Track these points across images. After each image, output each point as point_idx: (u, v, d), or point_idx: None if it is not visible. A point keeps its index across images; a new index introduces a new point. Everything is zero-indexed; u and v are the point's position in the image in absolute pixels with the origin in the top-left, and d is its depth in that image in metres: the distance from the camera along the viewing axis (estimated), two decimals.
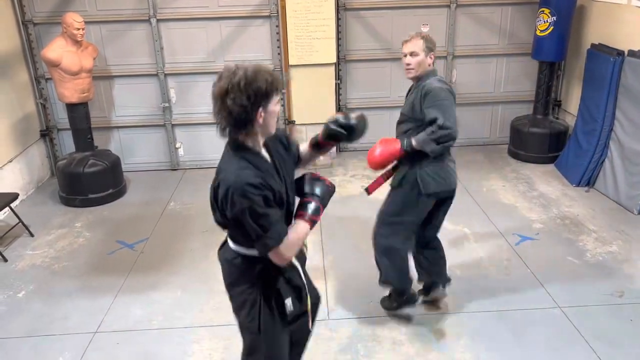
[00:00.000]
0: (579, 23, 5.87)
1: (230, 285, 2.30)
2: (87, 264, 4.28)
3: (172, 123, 6.09)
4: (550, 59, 5.78)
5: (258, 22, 5.84)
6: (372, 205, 5.12)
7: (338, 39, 5.98)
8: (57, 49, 4.89)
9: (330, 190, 2.21)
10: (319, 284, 3.85)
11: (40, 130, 5.96)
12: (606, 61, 5.13)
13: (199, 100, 6.00)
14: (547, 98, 6.00)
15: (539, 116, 6.05)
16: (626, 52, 5.00)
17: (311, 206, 2.13)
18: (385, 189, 3.24)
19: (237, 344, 3.29)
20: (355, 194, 5.37)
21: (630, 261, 4.05)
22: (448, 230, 4.45)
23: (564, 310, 3.50)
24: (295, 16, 5.67)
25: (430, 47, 3.06)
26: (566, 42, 5.72)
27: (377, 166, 3.04)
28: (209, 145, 6.13)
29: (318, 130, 2.33)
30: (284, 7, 5.66)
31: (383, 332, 3.37)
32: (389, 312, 3.50)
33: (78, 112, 5.21)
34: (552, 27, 5.54)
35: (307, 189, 2.18)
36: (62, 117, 5.87)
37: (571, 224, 4.64)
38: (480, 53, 6.26)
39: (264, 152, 2.12)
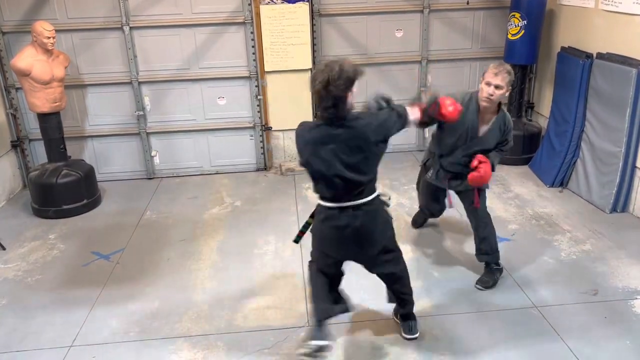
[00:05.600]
0: (549, 27, 5.99)
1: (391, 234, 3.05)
2: (61, 276, 4.20)
3: (147, 131, 6.02)
4: (522, 62, 5.87)
5: (232, 28, 5.83)
6: None
7: (313, 44, 5.99)
8: (27, 58, 4.80)
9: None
10: (298, 291, 3.86)
11: (11, 141, 5.83)
12: (576, 64, 5.24)
13: (174, 108, 5.95)
14: (520, 100, 6.10)
15: (513, 118, 6.10)
16: (595, 55, 5.11)
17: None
18: None
19: (215, 353, 3.27)
20: None
21: (603, 259, 4.12)
22: (424, 233, 4.48)
23: (540, 310, 3.55)
24: (270, 22, 5.67)
25: (511, 81, 3.34)
26: (537, 46, 5.82)
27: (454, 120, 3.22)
28: (185, 154, 6.08)
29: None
30: (258, 14, 5.65)
31: (362, 336, 3.38)
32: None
33: (50, 122, 5.12)
34: (523, 31, 5.63)
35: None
36: (33, 127, 5.77)
37: (546, 224, 4.71)
38: (454, 57, 6.34)
39: None
